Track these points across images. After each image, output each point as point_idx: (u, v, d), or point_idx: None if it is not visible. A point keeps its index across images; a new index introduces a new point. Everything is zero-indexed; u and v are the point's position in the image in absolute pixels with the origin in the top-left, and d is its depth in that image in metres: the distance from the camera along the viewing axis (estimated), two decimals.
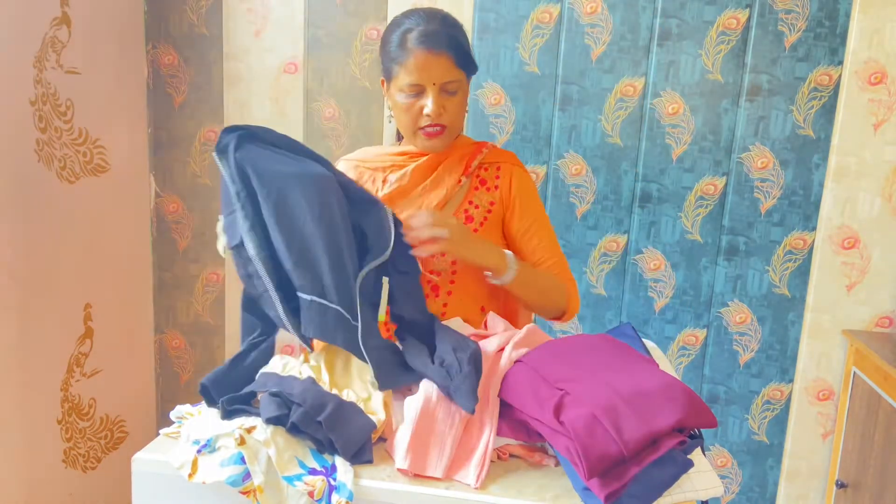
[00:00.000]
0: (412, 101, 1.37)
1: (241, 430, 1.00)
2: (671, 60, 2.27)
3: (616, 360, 1.11)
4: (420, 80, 1.34)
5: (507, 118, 2.36)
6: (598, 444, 0.92)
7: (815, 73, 2.21)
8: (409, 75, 1.34)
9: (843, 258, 2.29)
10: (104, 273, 2.32)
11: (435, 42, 1.33)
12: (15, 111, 1.92)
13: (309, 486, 0.96)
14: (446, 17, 1.40)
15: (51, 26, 2.02)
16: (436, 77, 1.34)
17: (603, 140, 2.33)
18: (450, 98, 1.37)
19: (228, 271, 2.60)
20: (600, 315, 2.43)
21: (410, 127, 1.40)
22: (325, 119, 2.45)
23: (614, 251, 2.39)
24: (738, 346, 2.38)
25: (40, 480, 2.10)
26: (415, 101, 1.37)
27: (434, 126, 1.37)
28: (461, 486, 0.98)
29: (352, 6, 2.38)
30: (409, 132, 1.42)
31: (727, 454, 2.44)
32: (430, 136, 1.39)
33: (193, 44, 2.48)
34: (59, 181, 2.10)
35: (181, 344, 2.68)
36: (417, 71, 1.33)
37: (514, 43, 2.32)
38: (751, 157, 2.28)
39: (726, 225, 2.33)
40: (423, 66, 1.33)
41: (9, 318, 1.94)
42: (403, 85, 1.36)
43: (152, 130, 2.54)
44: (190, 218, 2.59)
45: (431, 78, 1.34)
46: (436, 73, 1.34)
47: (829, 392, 2.36)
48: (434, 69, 1.33)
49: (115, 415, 2.43)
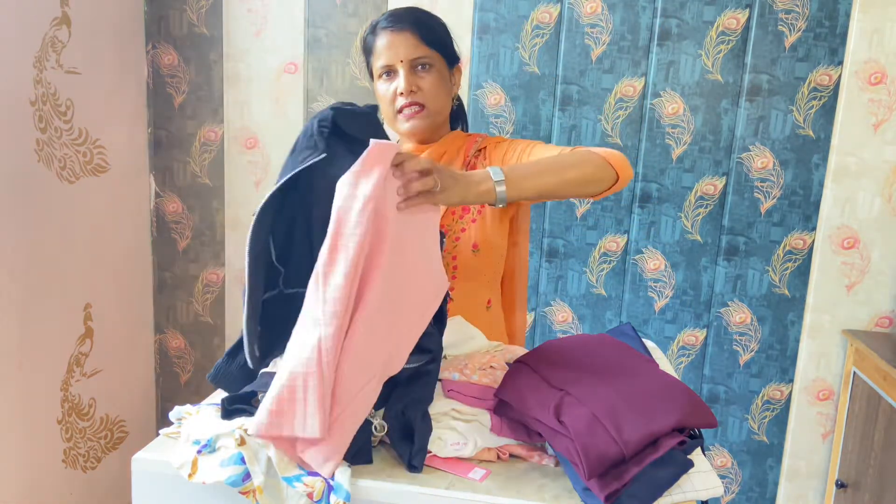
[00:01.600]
0: (388, 84, 1.39)
1: (242, 430, 1.00)
2: (671, 60, 2.27)
3: (616, 361, 1.11)
4: (389, 60, 1.37)
5: (507, 118, 2.36)
6: (599, 444, 0.92)
7: (814, 73, 2.21)
8: (379, 58, 1.39)
9: (843, 258, 2.29)
10: (104, 273, 2.32)
11: (397, 20, 1.37)
12: (15, 111, 1.92)
13: (308, 486, 0.96)
14: (417, 7, 1.44)
15: (51, 26, 2.02)
16: (402, 54, 1.36)
17: (603, 140, 2.33)
18: (422, 76, 1.38)
19: (228, 271, 2.60)
20: (600, 315, 2.43)
21: (390, 112, 1.41)
22: None
23: (614, 251, 2.39)
24: (737, 346, 2.39)
25: (40, 480, 2.10)
26: (390, 84, 1.39)
27: (411, 105, 1.38)
28: (461, 486, 0.98)
29: (352, 6, 2.38)
30: (391, 119, 1.42)
31: (727, 454, 2.44)
32: (408, 118, 1.39)
33: (193, 44, 2.48)
34: (59, 181, 2.10)
35: (181, 344, 2.68)
36: (385, 51, 1.37)
37: (514, 43, 2.32)
38: (751, 157, 2.28)
39: (726, 225, 2.33)
40: (389, 45, 1.37)
41: (9, 318, 1.94)
42: (378, 69, 1.40)
43: (152, 130, 2.54)
44: (190, 218, 2.59)
45: (399, 55, 1.36)
46: (402, 50, 1.36)
47: (828, 392, 2.36)
48: (400, 46, 1.36)
49: (115, 415, 2.43)
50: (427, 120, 1.41)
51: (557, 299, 2.43)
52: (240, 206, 2.55)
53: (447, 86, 1.43)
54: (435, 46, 1.39)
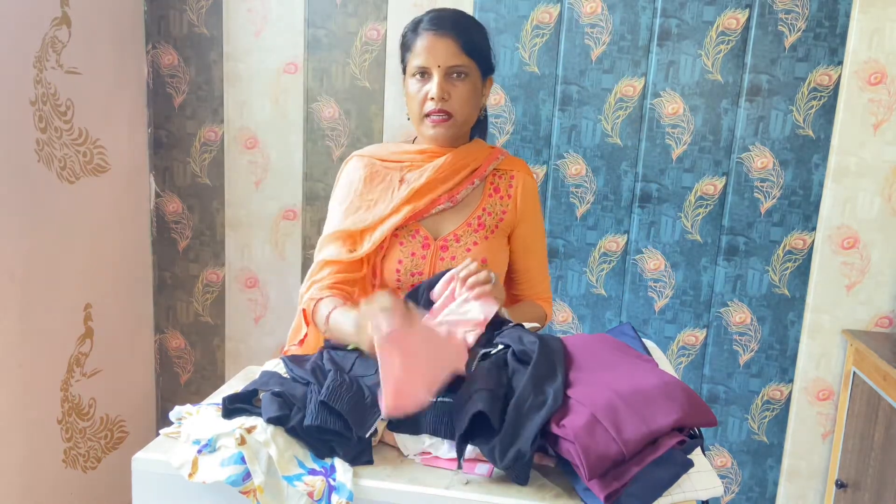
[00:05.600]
0: (420, 85, 1.39)
1: (242, 429, 1.00)
2: (671, 60, 2.27)
3: (616, 360, 1.11)
4: (425, 63, 1.37)
5: (507, 118, 2.36)
6: (599, 444, 0.92)
7: (814, 73, 2.22)
8: (416, 57, 1.38)
9: (843, 258, 2.29)
10: (104, 273, 2.32)
11: (440, 24, 1.37)
12: (15, 111, 1.92)
13: (309, 486, 0.96)
14: (462, 12, 1.43)
15: (51, 26, 2.02)
16: (440, 59, 1.36)
17: (603, 140, 2.33)
18: (455, 84, 1.38)
19: (228, 271, 2.61)
20: (600, 315, 2.43)
21: (418, 113, 1.41)
22: (324, 119, 2.46)
23: (614, 251, 2.39)
24: (737, 346, 2.39)
25: (40, 480, 2.10)
26: (422, 86, 1.39)
27: (439, 112, 1.38)
28: (461, 486, 0.98)
29: (352, 6, 2.38)
30: (416, 119, 1.42)
31: (727, 454, 2.45)
32: (435, 124, 1.40)
33: (193, 44, 2.48)
34: (59, 181, 2.10)
35: (181, 344, 2.68)
36: (424, 52, 1.37)
37: (514, 43, 2.32)
38: (751, 157, 2.28)
39: (726, 225, 2.33)
40: (429, 48, 1.37)
41: (9, 319, 1.94)
42: (413, 68, 1.39)
43: (152, 130, 2.54)
44: (190, 218, 2.59)
45: (437, 60, 1.36)
46: (441, 55, 1.36)
47: (828, 392, 2.36)
48: (439, 51, 1.36)
49: (115, 415, 2.43)
50: (452, 129, 1.41)
51: (557, 299, 2.43)
52: (240, 206, 2.55)
53: (477, 97, 1.43)
54: (473, 56, 1.39)
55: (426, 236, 1.42)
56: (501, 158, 1.49)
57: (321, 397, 1.02)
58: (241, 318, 2.62)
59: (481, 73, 1.42)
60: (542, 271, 1.56)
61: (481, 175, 1.45)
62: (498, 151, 1.50)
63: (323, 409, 1.01)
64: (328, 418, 1.00)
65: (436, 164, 1.42)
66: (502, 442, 0.95)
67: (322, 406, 1.01)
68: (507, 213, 1.47)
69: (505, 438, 0.95)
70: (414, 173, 1.43)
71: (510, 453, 0.94)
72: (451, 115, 1.39)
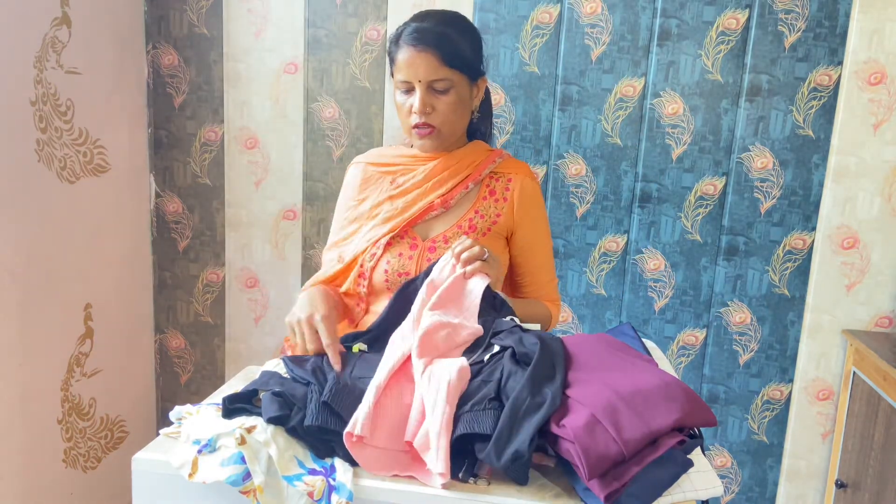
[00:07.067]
0: (405, 98, 1.38)
1: (242, 429, 1.00)
2: (671, 61, 2.27)
3: (615, 360, 1.11)
4: (407, 77, 1.36)
5: (507, 118, 2.36)
6: (599, 444, 0.92)
7: (814, 73, 2.22)
8: (399, 71, 1.37)
9: (843, 258, 2.29)
10: (104, 273, 2.32)
11: (420, 39, 1.34)
12: (15, 111, 1.92)
13: (309, 486, 0.96)
14: (445, 16, 1.39)
15: (51, 26, 2.02)
16: (421, 74, 1.34)
17: (603, 140, 2.33)
18: (439, 97, 1.37)
19: (228, 271, 2.61)
20: (600, 315, 2.43)
21: (406, 124, 1.41)
22: (325, 119, 2.46)
23: (614, 251, 2.39)
24: (737, 346, 2.39)
25: (40, 480, 2.10)
26: (407, 99, 1.38)
27: (424, 125, 1.38)
28: (461, 486, 0.98)
29: (352, 6, 2.38)
30: (405, 130, 1.43)
31: (727, 454, 2.45)
32: (421, 136, 1.40)
33: (193, 44, 2.48)
34: (59, 181, 2.10)
35: (181, 344, 2.68)
36: (405, 67, 1.36)
37: (514, 43, 2.32)
38: (750, 158, 2.28)
39: (726, 225, 2.33)
40: (410, 63, 1.35)
41: (9, 318, 1.95)
42: (397, 81, 1.39)
43: (152, 130, 2.54)
44: (190, 218, 2.59)
45: (417, 75, 1.35)
46: (421, 71, 1.34)
47: (828, 392, 2.36)
48: (420, 66, 1.34)
49: (115, 415, 2.43)
50: (438, 140, 1.41)
51: None
52: (240, 206, 2.55)
53: (464, 106, 1.41)
54: (455, 66, 1.36)
55: (414, 237, 1.43)
56: (499, 161, 1.47)
57: (324, 398, 1.02)
58: (241, 318, 2.62)
59: (469, 79, 1.40)
60: (548, 273, 1.55)
61: (476, 179, 1.45)
62: (496, 153, 1.49)
63: (324, 410, 1.01)
64: (329, 418, 1.00)
65: (426, 168, 1.43)
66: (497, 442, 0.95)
67: (323, 406, 1.02)
68: (502, 217, 1.45)
69: (500, 439, 0.95)
70: (405, 177, 1.45)
71: (507, 453, 0.94)
72: (435, 128, 1.38)
